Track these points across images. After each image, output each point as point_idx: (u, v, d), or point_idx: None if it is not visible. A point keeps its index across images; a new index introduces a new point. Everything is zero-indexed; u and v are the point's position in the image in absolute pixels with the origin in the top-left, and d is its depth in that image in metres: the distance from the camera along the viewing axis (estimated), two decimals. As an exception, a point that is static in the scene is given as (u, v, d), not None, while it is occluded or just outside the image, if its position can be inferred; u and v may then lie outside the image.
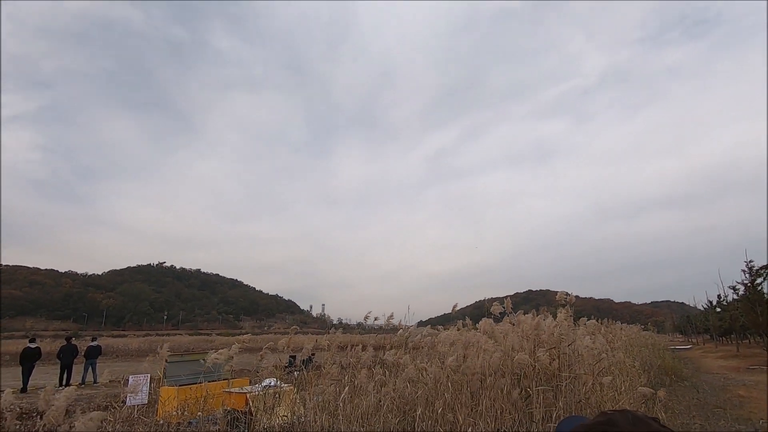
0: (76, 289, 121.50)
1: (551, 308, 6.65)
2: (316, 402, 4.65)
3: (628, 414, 0.65)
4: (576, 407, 4.14)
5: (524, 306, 6.26)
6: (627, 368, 6.91)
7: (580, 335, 5.24)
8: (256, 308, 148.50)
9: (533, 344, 4.67)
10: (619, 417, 0.65)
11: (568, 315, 5.35)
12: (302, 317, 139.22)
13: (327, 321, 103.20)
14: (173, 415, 6.34)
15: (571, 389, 4.29)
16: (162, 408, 7.12)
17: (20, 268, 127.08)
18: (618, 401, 4.88)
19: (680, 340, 43.86)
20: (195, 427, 5.41)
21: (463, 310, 6.37)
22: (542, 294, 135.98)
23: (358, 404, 4.26)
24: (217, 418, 5.56)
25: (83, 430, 3.36)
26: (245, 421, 5.69)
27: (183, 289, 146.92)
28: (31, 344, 15.21)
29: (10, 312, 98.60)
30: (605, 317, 14.41)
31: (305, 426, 4.48)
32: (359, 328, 54.54)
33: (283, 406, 5.49)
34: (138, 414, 6.62)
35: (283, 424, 5.05)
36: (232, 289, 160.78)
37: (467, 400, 3.91)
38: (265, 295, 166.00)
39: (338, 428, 4.08)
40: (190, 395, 6.84)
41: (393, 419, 4.15)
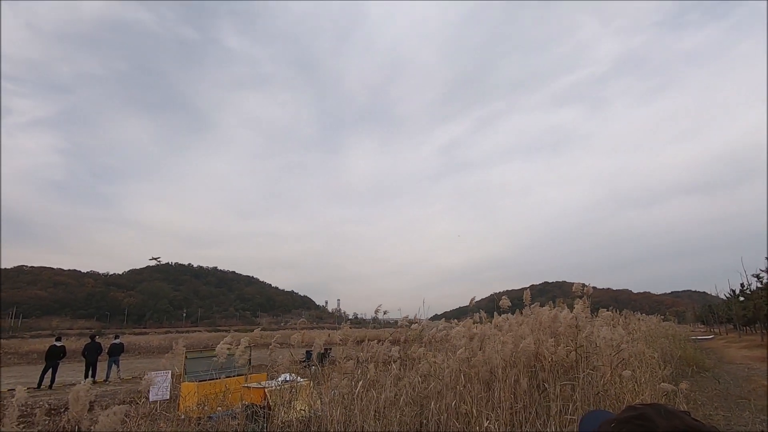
0: (98, 289, 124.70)
1: (568, 300, 6.58)
2: (332, 396, 4.70)
3: (660, 408, 0.63)
4: (594, 400, 4.09)
5: (540, 298, 6.20)
6: (647, 359, 6.79)
7: (597, 326, 5.16)
8: (272, 304, 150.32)
9: (549, 336, 4.63)
10: (650, 411, 0.63)
11: (585, 306, 5.28)
12: (318, 313, 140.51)
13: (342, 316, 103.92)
14: (194, 410, 6.48)
15: (588, 381, 4.24)
16: (183, 403, 7.28)
17: (45, 269, 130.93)
18: (638, 394, 4.80)
19: (702, 331, 42.98)
20: (215, 421, 5.52)
21: (479, 303, 6.33)
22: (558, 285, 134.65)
23: (373, 398, 4.28)
24: (236, 413, 5.66)
25: (106, 424, 3.45)
26: (264, 416, 5.78)
27: (200, 287, 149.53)
28: (56, 342, 15.69)
29: (36, 312, 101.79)
30: (624, 308, 14.19)
31: (322, 420, 4.52)
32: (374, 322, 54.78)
33: (300, 401, 5.55)
34: (160, 409, 6.76)
35: (300, 418, 5.11)
36: (248, 286, 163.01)
37: (480, 392, 3.89)
38: (280, 292, 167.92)
39: (355, 422, 4.11)
40: (210, 390, 6.98)
41: (409, 413, 4.16)
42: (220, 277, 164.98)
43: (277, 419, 5.22)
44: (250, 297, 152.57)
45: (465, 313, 8.35)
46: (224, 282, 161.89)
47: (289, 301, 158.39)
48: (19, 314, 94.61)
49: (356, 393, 4.39)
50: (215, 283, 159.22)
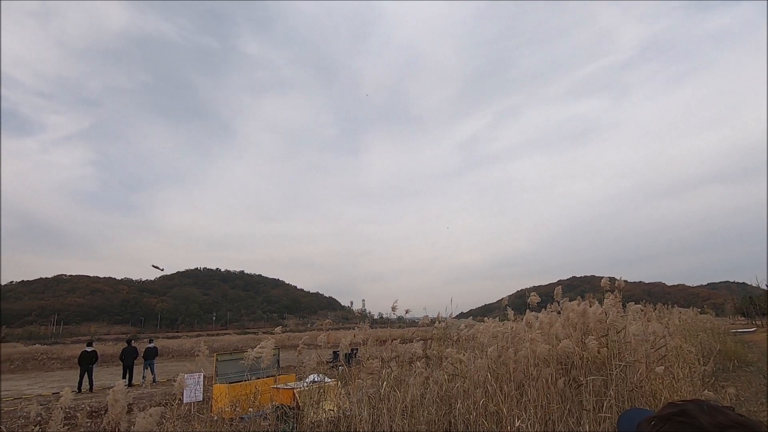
0: (132, 295, 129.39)
1: (597, 294, 6.40)
2: (360, 396, 4.71)
3: (702, 403, 0.60)
4: (629, 396, 3.96)
5: (568, 293, 6.05)
6: (684, 354, 6.54)
7: (630, 321, 5.00)
8: (298, 306, 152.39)
9: (581, 332, 4.51)
10: (692, 407, 0.60)
11: (617, 301, 5.12)
12: (343, 313, 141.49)
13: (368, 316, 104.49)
14: (226, 411, 6.63)
15: (622, 377, 4.11)
16: (215, 404, 7.46)
17: (83, 278, 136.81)
18: (676, 390, 4.62)
19: (743, 323, 41.04)
20: (247, 422, 5.62)
21: (502, 300, 6.23)
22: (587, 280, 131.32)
23: (399, 398, 4.28)
24: (266, 414, 5.75)
25: (143, 425, 3.58)
26: (294, 416, 5.86)
27: (229, 291, 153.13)
28: (88, 348, 16.28)
29: (76, 318, 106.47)
30: (657, 302, 13.71)
31: (351, 419, 4.55)
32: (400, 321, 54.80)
33: (328, 401, 5.60)
34: (194, 410, 6.94)
35: (329, 418, 5.16)
36: (274, 289, 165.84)
37: (510, 391, 3.83)
38: (306, 293, 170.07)
39: (383, 421, 4.11)
40: (241, 392, 7.13)
41: (437, 412, 4.13)
42: (247, 281, 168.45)
43: (306, 419, 5.28)
44: (277, 299, 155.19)
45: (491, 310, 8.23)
46: (251, 285, 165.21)
47: (314, 303, 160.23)
48: (60, 321, 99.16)
49: (383, 392, 4.39)
50: (243, 286, 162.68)
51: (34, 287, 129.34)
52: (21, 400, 13.40)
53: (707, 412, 0.58)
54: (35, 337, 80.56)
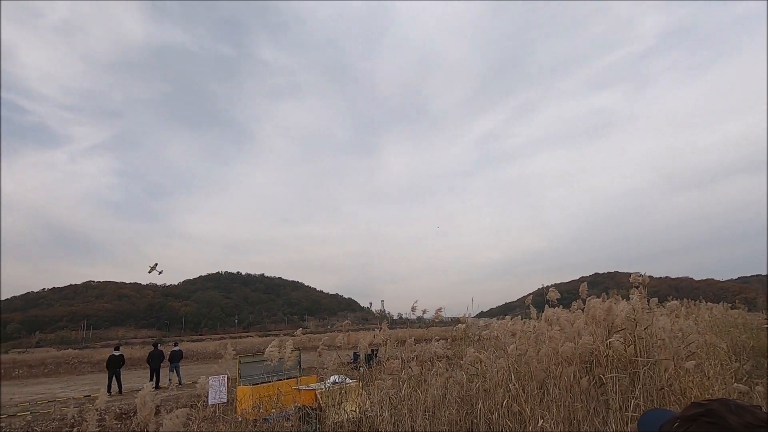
0: (157, 300, 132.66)
1: (622, 290, 6.25)
2: (381, 396, 4.71)
3: (729, 403, 0.57)
4: (658, 395, 3.85)
5: (591, 290, 5.91)
6: (715, 351, 6.32)
7: (656, 317, 4.87)
8: (318, 308, 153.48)
9: (605, 330, 4.41)
10: (718, 406, 0.57)
11: (642, 297, 4.99)
12: (363, 314, 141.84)
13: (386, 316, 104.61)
14: (250, 412, 6.72)
15: (650, 376, 3.99)
16: (239, 406, 7.58)
17: (110, 283, 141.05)
18: (707, 388, 4.47)
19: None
20: (271, 423, 5.68)
21: (525, 298, 6.13)
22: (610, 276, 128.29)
23: (421, 398, 4.26)
24: (289, 415, 5.81)
25: (170, 427, 3.66)
26: (316, 417, 5.90)
27: (250, 294, 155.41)
28: (115, 352, 16.75)
29: (104, 323, 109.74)
30: (685, 297, 13.30)
31: (373, 420, 4.55)
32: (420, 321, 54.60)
33: (350, 402, 5.62)
34: (219, 412, 7.06)
35: (351, 418, 5.17)
36: (294, 291, 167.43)
37: (532, 390, 3.76)
38: (325, 295, 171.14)
39: (405, 422, 4.10)
40: (264, 393, 7.21)
41: (459, 412, 4.10)
42: (267, 284, 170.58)
43: (328, 420, 5.31)
44: (297, 301, 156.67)
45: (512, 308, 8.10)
46: (271, 288, 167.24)
47: (334, 304, 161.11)
48: (90, 326, 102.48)
49: (403, 392, 4.38)
50: (263, 289, 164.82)
51: (64, 294, 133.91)
52: (54, 402, 13.88)
53: (735, 411, 0.55)
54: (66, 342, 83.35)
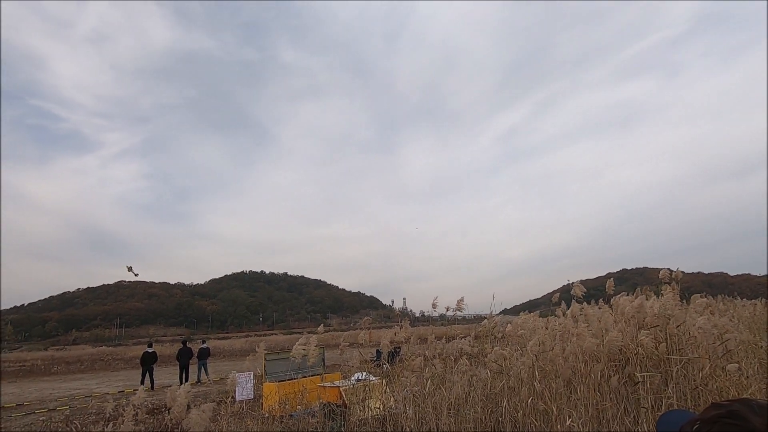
0: (185, 299, 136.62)
1: (652, 287, 6.05)
2: (405, 394, 4.72)
3: (751, 403, 0.54)
4: (692, 395, 3.71)
5: (619, 286, 5.75)
6: (754, 349, 6.05)
7: (690, 314, 4.69)
8: (340, 306, 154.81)
9: (635, 327, 4.28)
10: (740, 407, 0.54)
11: (675, 293, 4.83)
12: (385, 312, 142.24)
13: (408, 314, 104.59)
14: (276, 408, 6.84)
15: (683, 374, 3.85)
16: (266, 402, 7.71)
17: (140, 284, 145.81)
18: (745, 388, 4.28)
19: (821, 315, 37.50)
20: (296, 419, 5.76)
21: (550, 295, 6.02)
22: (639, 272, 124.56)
23: (444, 396, 4.24)
24: (314, 411, 5.88)
25: (196, 421, 3.77)
26: (341, 414, 5.95)
27: (274, 292, 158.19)
28: (148, 349, 17.32)
29: (136, 322, 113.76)
30: (719, 293, 12.78)
31: (397, 417, 4.56)
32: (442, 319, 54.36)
33: (374, 399, 5.65)
34: (246, 408, 7.21)
35: (375, 415, 5.20)
36: (317, 289, 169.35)
37: (559, 388, 3.68)
38: (348, 293, 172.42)
39: (429, 419, 4.09)
40: (289, 390, 7.33)
41: (483, 410, 4.05)
42: (290, 282, 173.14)
43: (353, 417, 5.35)
44: (320, 299, 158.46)
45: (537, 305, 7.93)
46: (295, 287, 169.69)
47: (356, 302, 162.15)
48: (122, 324, 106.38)
49: (427, 390, 4.37)
50: (287, 288, 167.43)
51: (98, 293, 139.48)
52: (91, 397, 14.47)
53: (757, 412, 0.52)
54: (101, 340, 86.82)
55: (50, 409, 12.17)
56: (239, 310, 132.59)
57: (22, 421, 10.31)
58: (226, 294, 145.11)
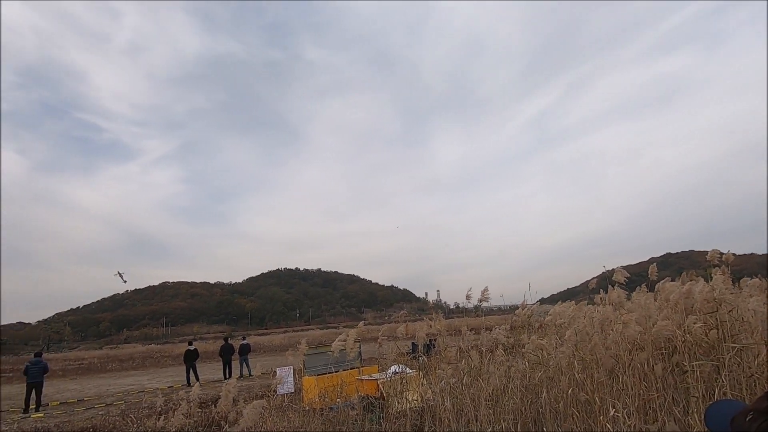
0: (225, 297, 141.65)
1: (699, 270, 5.75)
2: (442, 386, 4.72)
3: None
4: (747, 383, 3.51)
5: (663, 271, 5.49)
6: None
7: (745, 298, 4.42)
8: (374, 300, 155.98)
9: (682, 313, 4.08)
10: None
11: (726, 276, 4.56)
12: (419, 304, 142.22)
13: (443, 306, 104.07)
14: (316, 401, 7.00)
15: (737, 362, 3.65)
16: (306, 395, 7.91)
17: (183, 284, 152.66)
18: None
19: None
20: (336, 412, 5.88)
21: (589, 283, 5.83)
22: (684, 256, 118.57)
23: (483, 387, 4.20)
24: (353, 404, 5.99)
25: (250, 417, 3.95)
26: (379, 406, 6.03)
27: (309, 288, 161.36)
28: (190, 346, 18.07)
29: (180, 320, 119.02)
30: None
31: (434, 409, 4.57)
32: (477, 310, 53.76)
33: (411, 391, 5.68)
34: (288, 401, 7.42)
35: (413, 407, 5.23)
36: (351, 284, 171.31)
37: (600, 378, 3.56)
38: (381, 287, 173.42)
39: (467, 411, 4.08)
40: (328, 383, 7.48)
41: (523, 401, 4.00)
42: (324, 278, 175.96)
43: (391, 409, 5.40)
44: (354, 294, 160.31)
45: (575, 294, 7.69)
46: (329, 282, 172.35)
47: (390, 296, 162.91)
48: (168, 323, 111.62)
49: (463, 382, 4.35)
50: (321, 283, 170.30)
51: (144, 294, 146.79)
52: (143, 392, 15.31)
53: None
54: (149, 338, 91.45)
55: (107, 404, 12.97)
56: (276, 307, 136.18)
57: (84, 416, 11.04)
58: (264, 291, 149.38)
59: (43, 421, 10.52)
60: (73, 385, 20.44)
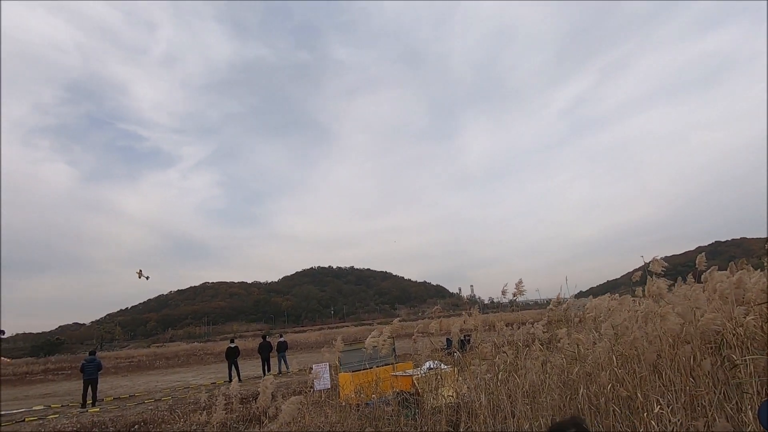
0: (262, 296, 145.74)
1: (752, 259, 5.40)
2: (477, 382, 4.67)
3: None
4: (808, 378, 3.27)
5: (711, 261, 5.18)
6: None
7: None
8: (407, 296, 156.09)
9: (732, 305, 3.85)
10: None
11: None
12: (452, 300, 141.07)
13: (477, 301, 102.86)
14: (352, 397, 7.09)
15: (796, 356, 3.40)
16: (342, 391, 8.03)
17: (222, 284, 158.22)
18: None
19: None
20: (372, 407, 5.95)
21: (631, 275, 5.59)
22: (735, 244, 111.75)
23: (519, 383, 4.12)
24: (389, 400, 6.03)
25: (288, 412, 4.06)
26: (414, 402, 6.04)
27: (342, 286, 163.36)
28: (231, 344, 18.67)
29: (220, 319, 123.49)
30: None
31: (470, 405, 4.53)
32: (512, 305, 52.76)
33: (446, 387, 5.66)
34: (325, 397, 7.55)
35: (449, 403, 5.21)
36: (383, 281, 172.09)
37: (642, 372, 3.41)
38: (414, 283, 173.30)
39: (504, 407, 4.02)
40: (363, 380, 7.56)
41: (562, 397, 3.89)
42: (357, 275, 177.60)
43: (427, 405, 5.40)
44: (387, 291, 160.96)
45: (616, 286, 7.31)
46: (362, 279, 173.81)
47: (423, 292, 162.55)
48: (209, 322, 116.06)
49: (499, 377, 4.28)
50: (354, 281, 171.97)
51: (186, 294, 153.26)
52: (188, 388, 16.00)
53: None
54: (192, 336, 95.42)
55: (156, 399, 13.66)
56: (311, 305, 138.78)
57: (135, 410, 11.67)
58: (299, 290, 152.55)
59: (99, 415, 11.20)
60: (125, 382, 21.66)
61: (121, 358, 41.54)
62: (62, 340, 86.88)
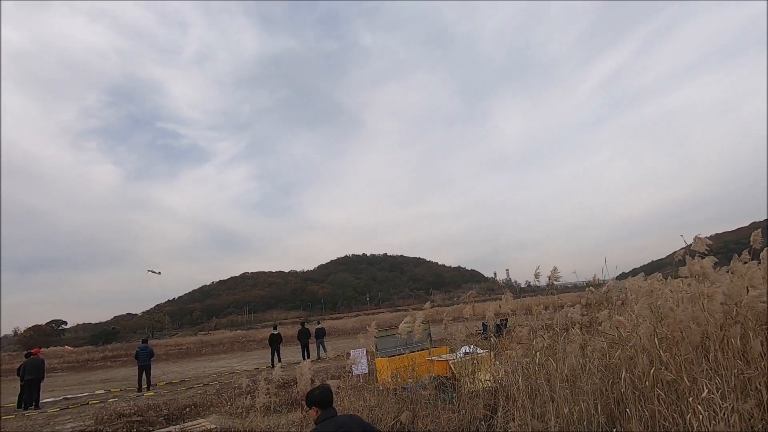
0: (299, 285, 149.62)
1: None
2: (515, 366, 4.63)
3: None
4: None
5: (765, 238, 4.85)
6: None
7: None
8: (442, 281, 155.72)
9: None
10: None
11: None
12: (488, 284, 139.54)
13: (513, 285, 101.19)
14: (389, 381, 7.21)
15: None
16: (380, 376, 8.18)
17: (261, 273, 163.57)
18: None
19: None
20: (409, 392, 6.03)
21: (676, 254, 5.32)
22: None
23: (558, 367, 4.05)
24: (425, 384, 6.09)
25: None
26: (451, 386, 6.07)
27: (376, 273, 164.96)
28: (273, 331, 19.33)
29: (261, 307, 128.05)
30: None
31: (508, 389, 4.51)
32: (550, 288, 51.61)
33: (483, 371, 5.65)
34: (362, 381, 7.72)
35: (486, 387, 5.20)
36: (417, 267, 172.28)
37: (688, 354, 3.25)
38: (448, 268, 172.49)
39: (543, 391, 3.97)
40: (400, 364, 7.67)
41: (603, 381, 3.80)
42: (391, 262, 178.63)
43: (464, 389, 5.42)
44: (421, 277, 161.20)
45: (662, 266, 6.94)
46: (396, 266, 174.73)
47: (457, 277, 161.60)
48: (250, 310, 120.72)
49: (537, 361, 4.22)
50: (388, 268, 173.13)
51: (227, 285, 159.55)
52: (233, 374, 16.77)
53: None
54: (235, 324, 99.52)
55: (204, 384, 14.42)
56: (347, 292, 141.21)
57: (186, 394, 12.38)
58: (334, 278, 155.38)
59: (153, 399, 11.96)
60: (175, 368, 22.97)
61: (171, 345, 43.86)
62: (117, 330, 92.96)
